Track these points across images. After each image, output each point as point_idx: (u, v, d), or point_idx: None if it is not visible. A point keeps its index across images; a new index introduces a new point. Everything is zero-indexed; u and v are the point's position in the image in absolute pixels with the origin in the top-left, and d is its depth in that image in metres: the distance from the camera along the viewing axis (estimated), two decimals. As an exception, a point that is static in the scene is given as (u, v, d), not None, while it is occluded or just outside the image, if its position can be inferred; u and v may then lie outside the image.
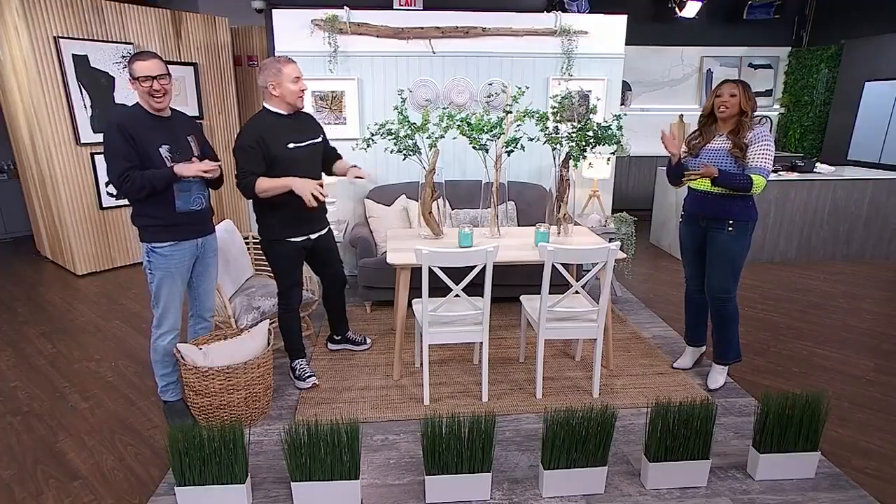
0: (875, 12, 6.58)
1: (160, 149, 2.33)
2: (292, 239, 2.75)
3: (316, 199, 2.55)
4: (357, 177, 2.88)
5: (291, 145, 2.63)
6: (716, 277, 2.81)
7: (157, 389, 2.67)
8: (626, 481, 2.24)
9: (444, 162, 3.95)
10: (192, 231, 2.49)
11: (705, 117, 2.77)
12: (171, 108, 2.44)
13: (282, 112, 2.65)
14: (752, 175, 2.56)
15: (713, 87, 2.73)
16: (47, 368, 3.20)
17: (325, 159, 2.93)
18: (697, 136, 2.80)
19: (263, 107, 2.66)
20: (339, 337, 3.33)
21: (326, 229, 2.96)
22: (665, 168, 2.94)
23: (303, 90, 2.63)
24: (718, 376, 2.97)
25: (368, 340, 3.38)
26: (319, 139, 2.83)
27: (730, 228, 2.71)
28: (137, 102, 2.37)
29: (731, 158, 2.63)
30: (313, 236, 2.86)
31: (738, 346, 2.92)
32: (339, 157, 3.01)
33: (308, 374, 2.95)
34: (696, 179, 2.65)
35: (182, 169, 2.33)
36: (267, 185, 2.55)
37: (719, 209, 2.71)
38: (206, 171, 2.38)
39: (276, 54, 4.21)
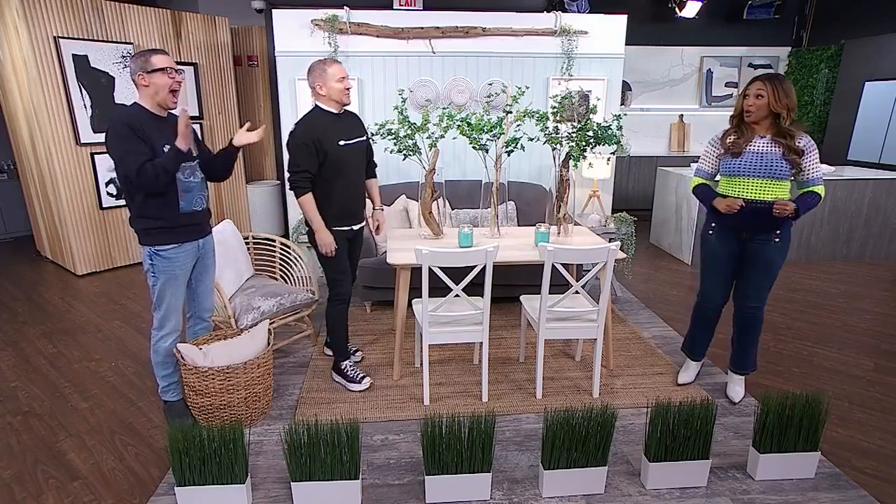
0: (875, 12, 6.58)
1: (164, 148, 2.33)
2: (338, 228, 2.82)
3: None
4: (376, 225, 3.05)
5: (342, 143, 2.73)
6: (756, 288, 2.63)
7: (158, 389, 2.67)
8: (626, 481, 2.24)
9: (444, 162, 3.96)
10: (194, 232, 2.50)
11: (736, 118, 2.53)
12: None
13: (332, 110, 2.75)
14: (815, 188, 2.45)
15: (746, 85, 2.49)
16: (47, 368, 3.20)
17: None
18: (735, 134, 2.53)
19: (315, 105, 2.76)
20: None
21: (363, 223, 3.03)
22: (698, 189, 2.70)
23: (348, 88, 2.73)
24: (739, 388, 2.84)
25: (359, 354, 3.27)
26: (364, 137, 2.92)
27: (777, 240, 2.53)
28: (136, 103, 2.35)
29: (786, 164, 2.40)
30: (355, 227, 2.94)
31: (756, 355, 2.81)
32: (374, 172, 3.07)
33: (362, 374, 2.93)
34: (777, 216, 2.41)
35: (180, 140, 2.26)
36: (309, 210, 2.70)
37: (768, 221, 2.48)
38: (186, 126, 2.29)
39: (277, 54, 4.25)
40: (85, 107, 4.60)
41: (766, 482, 2.24)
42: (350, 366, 2.96)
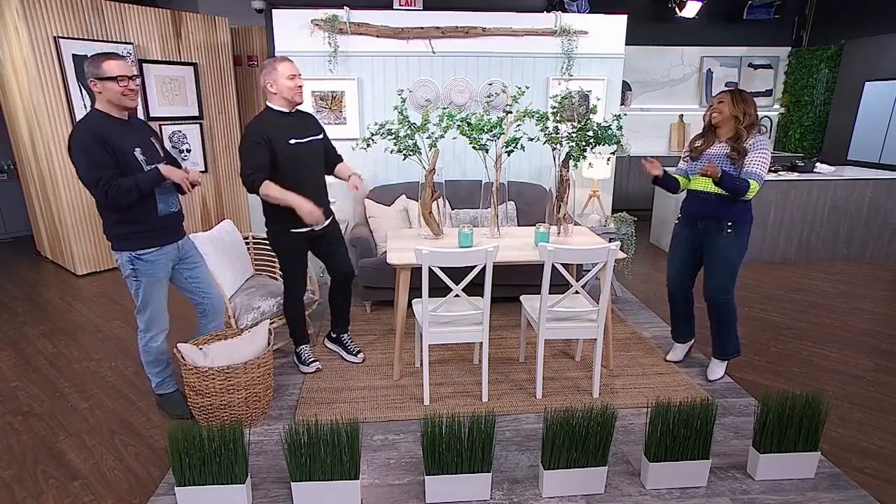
0: (875, 12, 6.58)
1: (134, 152, 2.31)
2: (296, 230, 2.81)
3: (311, 197, 2.67)
4: (354, 187, 2.94)
5: (293, 141, 2.71)
6: (715, 277, 2.85)
7: (152, 386, 2.68)
8: (626, 481, 2.24)
9: (444, 162, 3.96)
10: (172, 234, 2.53)
11: (707, 127, 2.86)
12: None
13: (283, 109, 2.73)
14: (748, 179, 2.65)
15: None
16: (47, 368, 3.20)
17: (326, 159, 2.98)
18: (700, 140, 2.88)
19: (266, 105, 2.75)
20: (335, 335, 3.31)
21: (329, 220, 3.00)
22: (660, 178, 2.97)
23: (299, 86, 2.71)
24: (718, 369, 3.07)
25: (361, 356, 3.23)
26: (320, 136, 2.90)
27: (728, 230, 2.77)
28: (95, 109, 2.29)
29: (728, 161, 2.71)
30: (317, 228, 2.88)
31: (738, 341, 2.99)
32: (341, 158, 3.06)
33: (312, 359, 3.07)
34: (702, 176, 2.69)
35: (169, 172, 2.31)
36: (274, 192, 2.63)
37: (720, 210, 2.77)
38: (193, 182, 2.39)
39: (276, 54, 4.24)
40: (85, 107, 4.60)
41: (766, 482, 2.24)
42: (305, 350, 3.11)
